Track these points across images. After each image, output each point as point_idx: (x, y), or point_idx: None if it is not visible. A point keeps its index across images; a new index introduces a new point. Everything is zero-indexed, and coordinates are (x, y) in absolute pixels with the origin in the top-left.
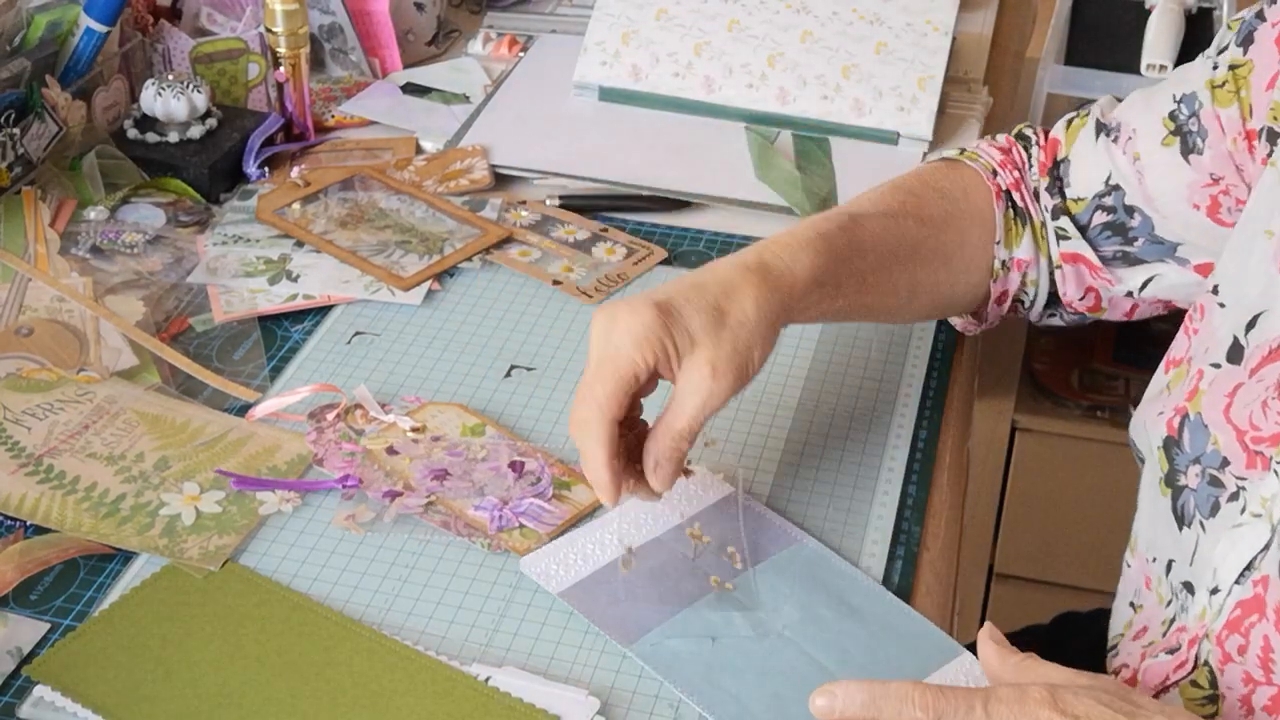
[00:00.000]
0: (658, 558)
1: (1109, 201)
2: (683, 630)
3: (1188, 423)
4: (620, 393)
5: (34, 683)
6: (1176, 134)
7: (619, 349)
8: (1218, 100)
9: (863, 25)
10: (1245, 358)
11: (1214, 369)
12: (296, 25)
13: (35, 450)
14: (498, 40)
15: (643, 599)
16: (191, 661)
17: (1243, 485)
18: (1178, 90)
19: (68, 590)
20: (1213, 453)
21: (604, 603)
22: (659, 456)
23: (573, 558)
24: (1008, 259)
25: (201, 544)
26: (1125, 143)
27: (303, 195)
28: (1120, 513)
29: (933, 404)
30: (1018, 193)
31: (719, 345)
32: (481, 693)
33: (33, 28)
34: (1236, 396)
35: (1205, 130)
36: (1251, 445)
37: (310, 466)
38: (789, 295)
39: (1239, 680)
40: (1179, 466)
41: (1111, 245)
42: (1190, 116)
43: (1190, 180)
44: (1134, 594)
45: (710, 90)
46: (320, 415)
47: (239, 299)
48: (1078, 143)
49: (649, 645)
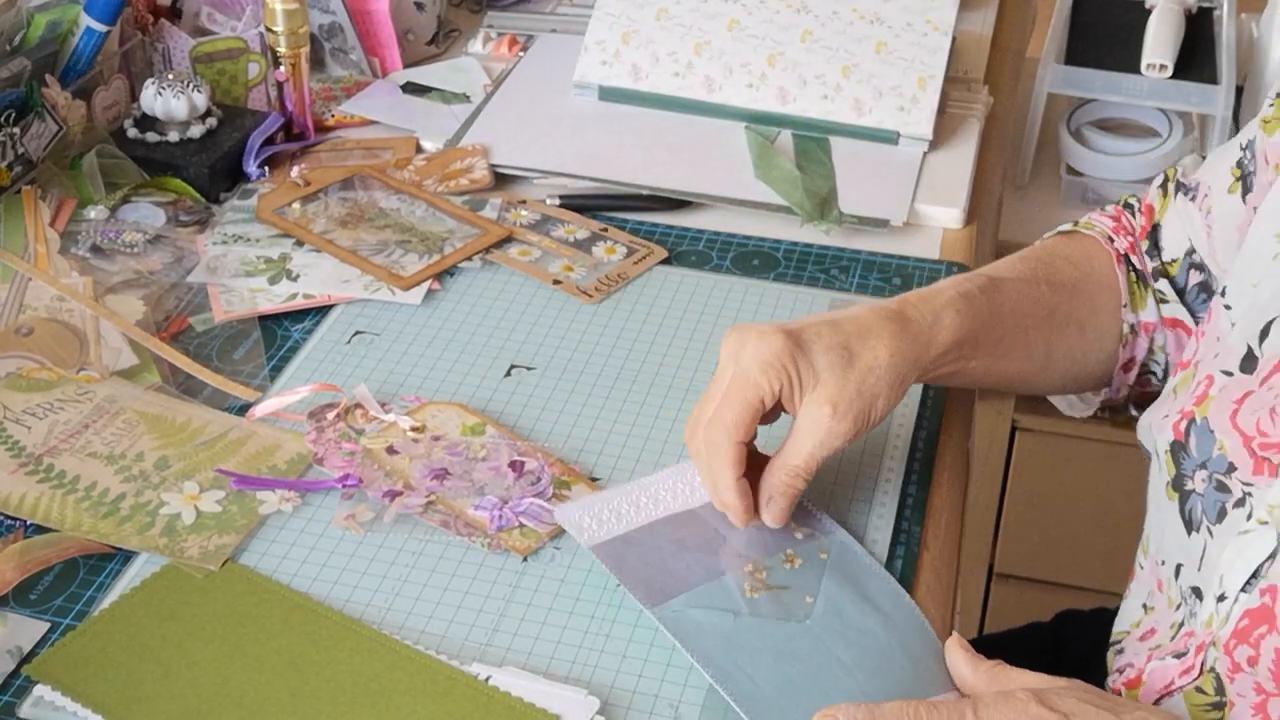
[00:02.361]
0: (692, 529)
1: (1197, 259)
2: (707, 601)
3: (1194, 427)
4: (748, 417)
5: (34, 682)
6: (1240, 179)
7: (747, 373)
8: (1267, 131)
9: (863, 25)
10: (1259, 367)
11: (1225, 376)
12: (296, 25)
13: (35, 450)
14: (498, 40)
15: (672, 565)
16: (191, 661)
17: (1249, 491)
18: (1244, 138)
19: (68, 590)
20: (1219, 458)
21: (633, 563)
22: (773, 491)
23: (607, 514)
24: (1135, 323)
25: (201, 543)
26: (1201, 200)
27: (303, 195)
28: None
29: (933, 404)
30: (1135, 256)
31: (844, 385)
32: (481, 692)
33: (33, 27)
34: (1244, 403)
35: (1257, 166)
36: (1259, 451)
37: (310, 466)
38: (924, 350)
39: (1250, 689)
40: (1186, 471)
41: (1205, 309)
42: (1251, 159)
43: (1243, 222)
44: (1148, 596)
45: (710, 90)
46: (320, 415)
47: (239, 298)
48: (1170, 205)
49: (671, 611)
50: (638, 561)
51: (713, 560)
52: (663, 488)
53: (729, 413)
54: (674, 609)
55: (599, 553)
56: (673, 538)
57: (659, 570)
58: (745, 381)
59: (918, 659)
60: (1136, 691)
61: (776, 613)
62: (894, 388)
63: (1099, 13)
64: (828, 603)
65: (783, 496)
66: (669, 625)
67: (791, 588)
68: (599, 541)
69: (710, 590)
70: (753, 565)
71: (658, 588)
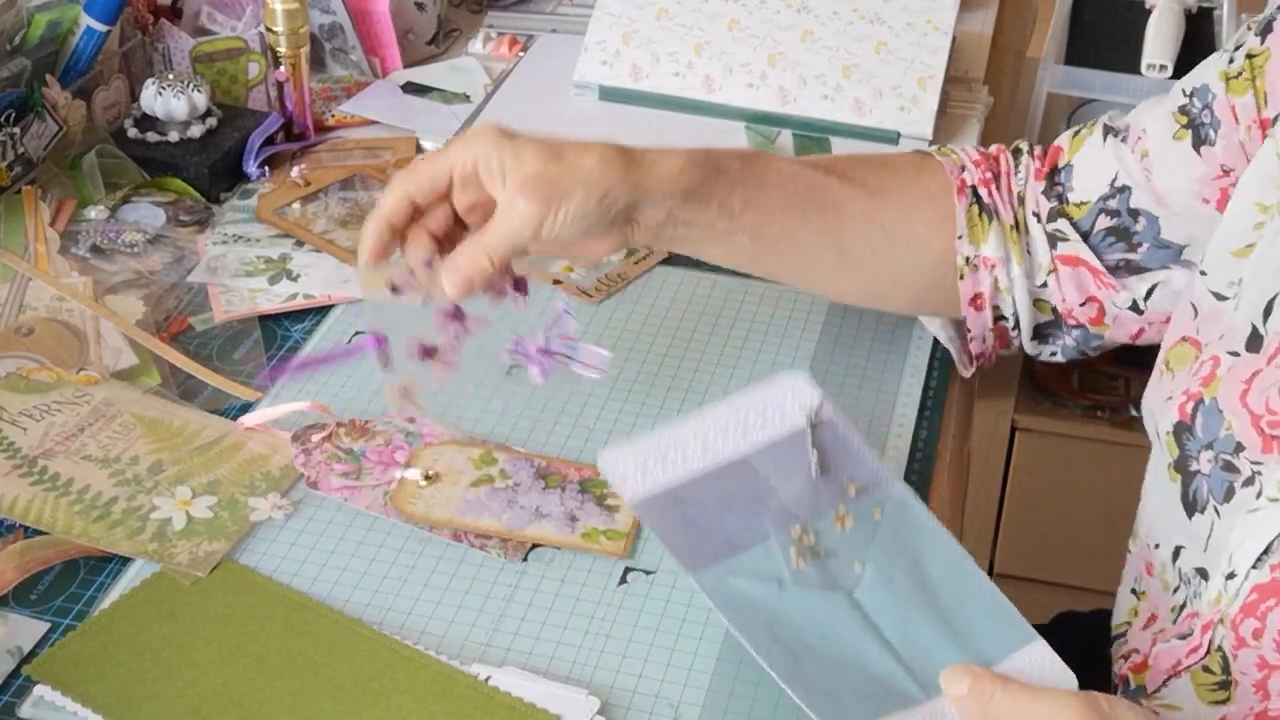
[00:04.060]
0: (741, 482)
1: (1113, 205)
2: (753, 569)
3: (1202, 408)
4: (430, 177)
5: (34, 682)
6: (1188, 127)
7: (451, 147)
8: (1232, 89)
9: (863, 25)
10: (1265, 345)
11: (1232, 357)
12: (297, 25)
13: (30, 452)
14: (498, 40)
15: (717, 526)
16: (191, 661)
17: (1259, 470)
18: (1188, 85)
19: (68, 590)
20: (1226, 438)
21: (676, 523)
22: (457, 259)
23: (653, 463)
24: (973, 255)
25: (191, 549)
26: (1135, 142)
27: (303, 195)
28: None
29: (933, 404)
30: (985, 189)
31: (540, 170)
32: (481, 693)
33: (33, 27)
34: (1254, 383)
35: (1218, 121)
36: (1268, 430)
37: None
38: (639, 174)
39: (1253, 665)
40: (1190, 452)
41: (1115, 253)
42: (1203, 109)
43: (1201, 173)
44: (1135, 580)
45: (710, 90)
46: (304, 437)
47: (239, 298)
48: (1084, 148)
49: (714, 578)
50: (681, 521)
51: (759, 519)
52: (713, 429)
53: (416, 167)
54: (717, 575)
55: (642, 510)
56: (720, 493)
57: (702, 531)
58: (446, 151)
59: (977, 628)
60: (1144, 676)
61: (823, 582)
62: (593, 193)
63: (1099, 13)
64: (877, 571)
65: (464, 268)
66: (712, 593)
67: (840, 554)
68: (642, 497)
69: (755, 557)
70: (801, 527)
71: (700, 550)
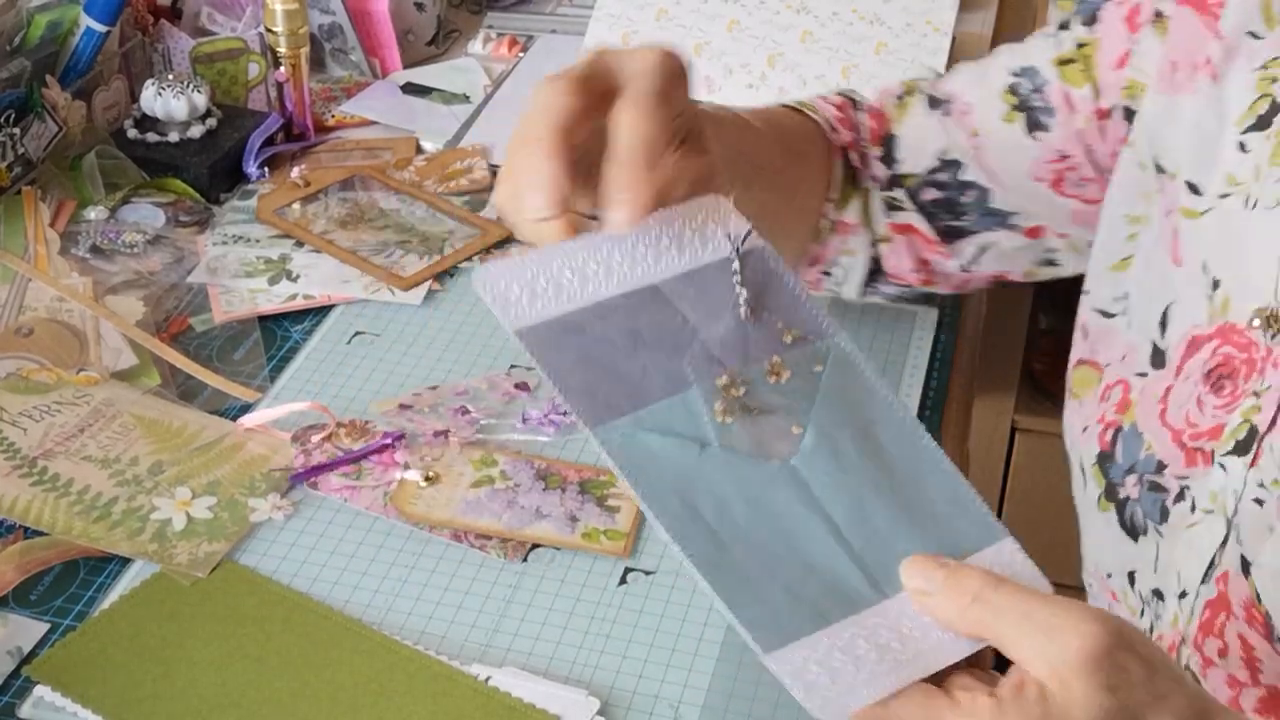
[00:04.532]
0: (653, 314)
1: (942, 177)
2: (667, 423)
3: (1121, 435)
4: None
5: (34, 683)
6: (1020, 109)
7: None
8: (1067, 78)
9: (863, 25)
10: (1168, 359)
11: (1140, 378)
12: (296, 25)
13: (30, 452)
14: (498, 40)
15: (625, 367)
16: (191, 661)
17: (1186, 484)
18: (1014, 63)
19: (68, 590)
20: (1147, 458)
21: (572, 360)
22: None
23: (543, 284)
24: (836, 220)
25: (191, 550)
26: (961, 117)
27: (303, 195)
28: None
29: (933, 404)
30: (854, 153)
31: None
32: (481, 693)
33: (33, 28)
34: (1169, 400)
35: (1053, 108)
36: (1190, 443)
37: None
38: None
39: (1223, 684)
40: (1115, 479)
41: (942, 221)
42: (1034, 91)
43: (1035, 156)
44: (1107, 608)
45: (710, 90)
46: (304, 438)
47: (239, 299)
48: (908, 117)
49: (619, 433)
50: (578, 358)
51: (676, 364)
52: (618, 251)
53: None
54: (623, 430)
55: (528, 340)
56: (627, 326)
57: (606, 373)
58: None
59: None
60: None
61: (754, 445)
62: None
63: None
64: (820, 436)
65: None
66: (615, 452)
67: (775, 412)
68: (528, 324)
69: (672, 409)
70: (728, 377)
71: (602, 399)
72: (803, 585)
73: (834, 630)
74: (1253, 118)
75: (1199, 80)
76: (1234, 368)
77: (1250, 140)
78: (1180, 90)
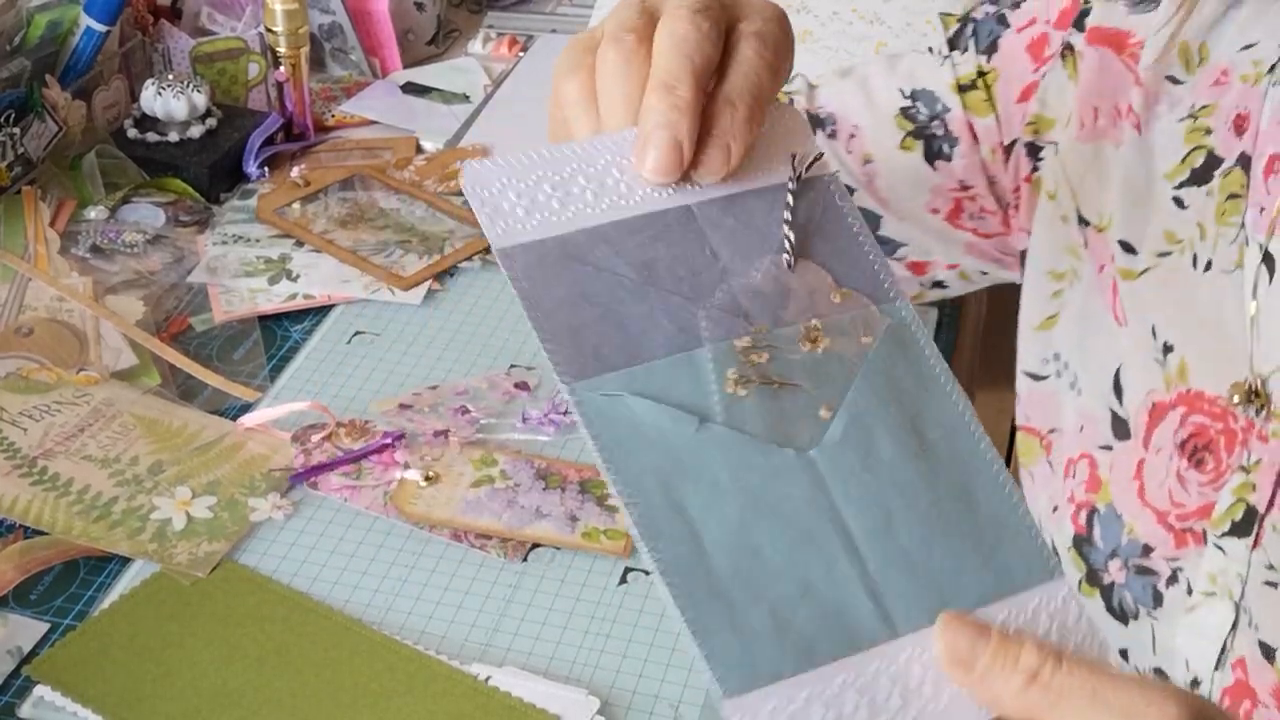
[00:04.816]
0: (675, 241)
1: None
2: (664, 388)
3: (1098, 517)
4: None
5: (34, 683)
6: (917, 136)
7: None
8: (971, 108)
9: (863, 25)
10: (1132, 428)
11: (1105, 452)
12: (296, 25)
13: (30, 452)
14: (498, 40)
15: (627, 309)
16: (191, 661)
17: (1178, 567)
18: (902, 84)
19: (68, 590)
20: (1131, 543)
21: (563, 293)
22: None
23: (545, 193)
24: None
25: (191, 549)
26: (849, 140)
27: (303, 195)
28: None
29: None
30: None
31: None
32: (481, 693)
33: (33, 27)
34: (1146, 476)
35: (955, 137)
36: (1177, 524)
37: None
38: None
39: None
40: (1096, 564)
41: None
42: (933, 119)
43: (934, 185)
44: None
45: None
46: (304, 437)
47: (239, 299)
48: None
49: (601, 395)
50: (571, 292)
51: (692, 313)
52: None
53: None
54: (607, 389)
55: (511, 262)
56: (642, 256)
57: (603, 315)
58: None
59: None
60: None
61: (768, 427)
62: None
63: None
64: (852, 425)
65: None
66: (589, 416)
67: (804, 388)
68: (517, 242)
69: (674, 370)
70: (751, 339)
71: (591, 347)
72: (794, 609)
73: (820, 675)
74: (1186, 171)
75: (1123, 130)
76: (1210, 438)
77: (1187, 195)
78: (1103, 138)
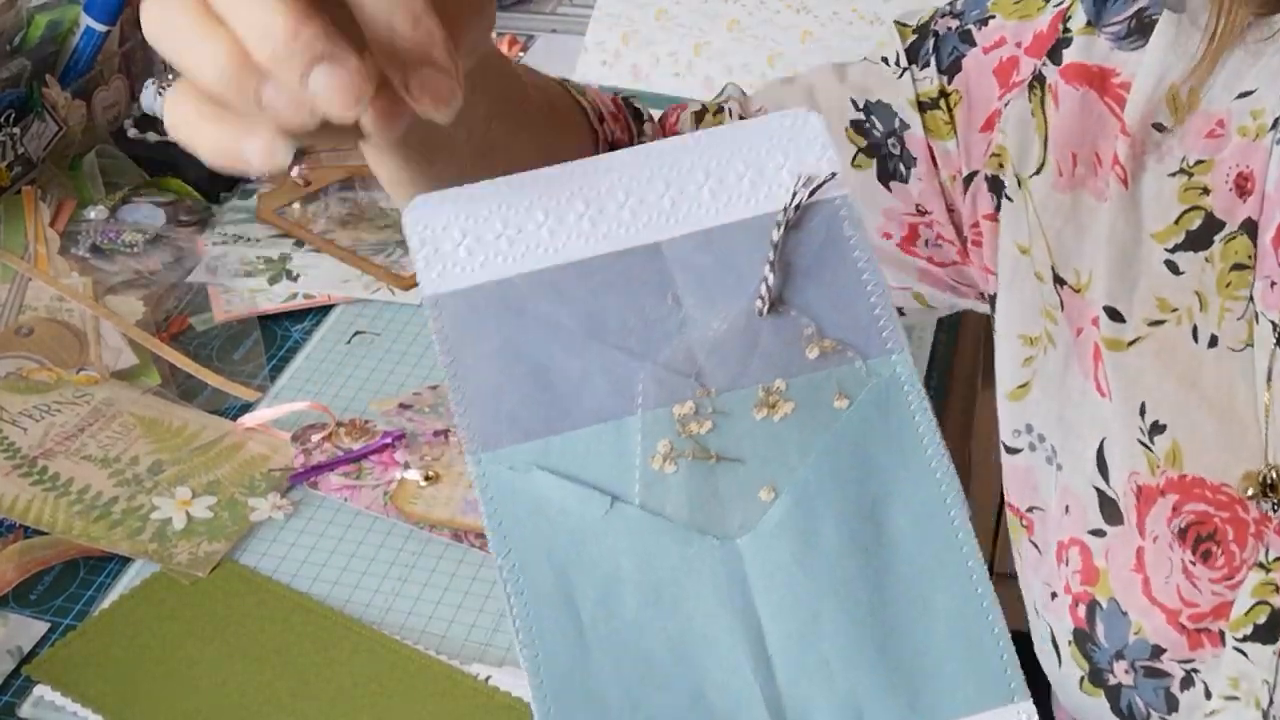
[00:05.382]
0: (637, 284)
1: None
2: (580, 462)
3: (1099, 611)
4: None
5: (34, 682)
6: (871, 155)
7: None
8: (932, 130)
9: (862, 25)
10: (1124, 511)
11: (1097, 537)
12: None
13: (30, 452)
14: (498, 40)
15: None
16: (191, 661)
17: (1193, 669)
18: (853, 95)
19: (68, 590)
20: (1138, 643)
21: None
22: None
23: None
24: None
25: (191, 549)
26: None
27: (303, 195)
28: None
29: (933, 404)
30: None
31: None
32: (481, 693)
33: (33, 27)
34: (1148, 569)
35: (913, 158)
36: (1190, 625)
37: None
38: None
39: None
40: (1100, 664)
41: None
42: (888, 136)
43: (888, 207)
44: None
45: (710, 90)
46: (304, 437)
47: (239, 298)
48: None
49: (508, 469)
50: (499, 348)
51: (631, 371)
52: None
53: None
54: (515, 462)
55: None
56: (589, 306)
57: (529, 375)
58: None
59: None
60: None
61: (693, 510)
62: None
63: None
64: (796, 508)
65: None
66: (488, 494)
67: (747, 463)
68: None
69: (595, 441)
70: (694, 404)
71: (508, 412)
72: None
73: None
74: (1180, 234)
75: (1106, 182)
76: (1215, 527)
77: (1183, 260)
78: (1081, 187)
